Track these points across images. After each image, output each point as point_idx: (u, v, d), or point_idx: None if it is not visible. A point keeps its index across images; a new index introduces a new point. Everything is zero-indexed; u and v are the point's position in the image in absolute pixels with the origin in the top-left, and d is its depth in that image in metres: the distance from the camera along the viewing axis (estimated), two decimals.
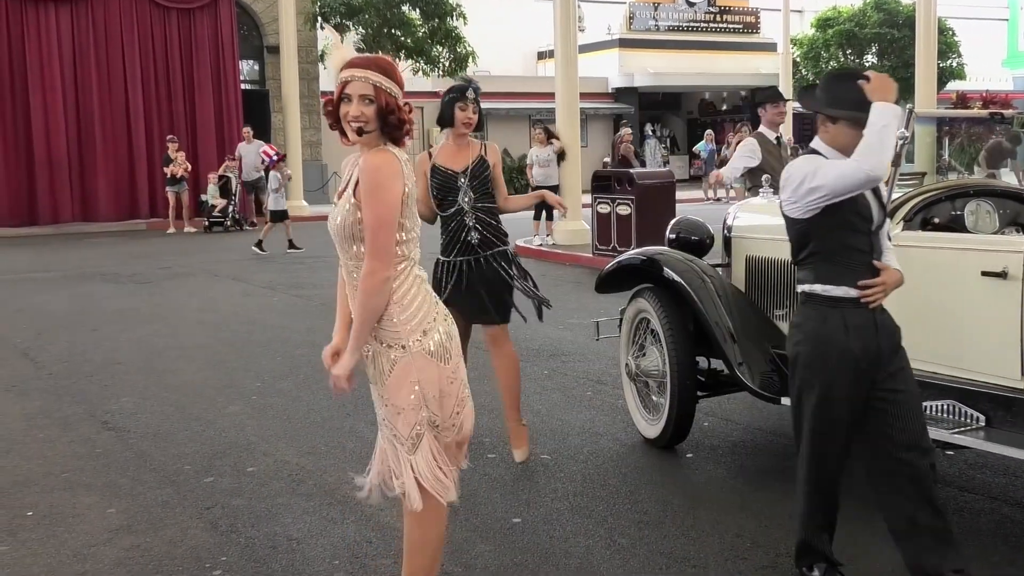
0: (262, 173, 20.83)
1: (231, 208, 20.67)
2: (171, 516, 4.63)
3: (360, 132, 3.03)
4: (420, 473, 3.08)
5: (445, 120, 5.26)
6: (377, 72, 3.03)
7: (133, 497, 4.89)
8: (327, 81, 26.94)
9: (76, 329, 9.54)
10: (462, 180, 5.20)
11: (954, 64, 32.96)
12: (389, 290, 3.00)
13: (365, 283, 2.97)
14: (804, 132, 35.59)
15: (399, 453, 3.10)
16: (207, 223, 20.52)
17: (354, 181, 3.04)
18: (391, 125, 3.03)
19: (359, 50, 5.01)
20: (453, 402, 3.15)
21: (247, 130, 21.12)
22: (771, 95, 7.40)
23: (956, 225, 4.84)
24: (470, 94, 5.23)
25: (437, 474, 3.11)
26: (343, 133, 3.10)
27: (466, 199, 5.20)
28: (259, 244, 15.84)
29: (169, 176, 20.13)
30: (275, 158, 16.64)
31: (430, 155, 5.30)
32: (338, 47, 3.17)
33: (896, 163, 4.22)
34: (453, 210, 5.20)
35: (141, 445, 5.76)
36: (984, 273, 4.14)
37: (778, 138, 7.28)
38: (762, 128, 7.17)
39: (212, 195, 20.71)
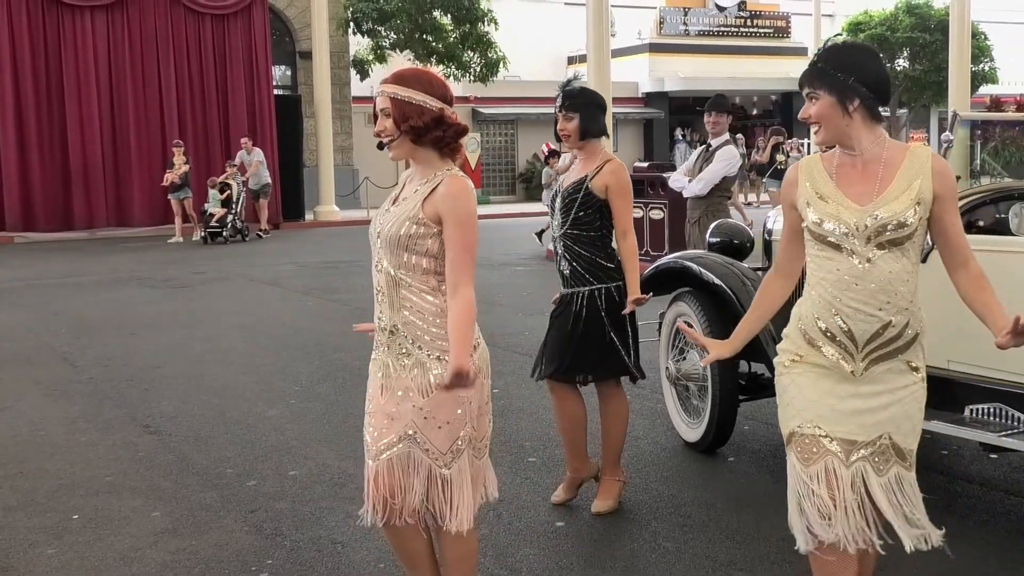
0: (268, 180, 20.92)
1: (231, 217, 19.49)
2: (215, 519, 4.66)
3: (380, 146, 3.08)
4: (459, 488, 3.05)
5: (556, 134, 4.70)
6: (395, 84, 3.05)
7: (177, 500, 4.93)
8: (359, 87, 27.17)
9: (114, 333, 9.63)
10: (559, 202, 4.59)
11: (986, 68, 32.67)
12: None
13: (465, 305, 2.96)
14: None
15: (432, 470, 3.04)
16: (203, 234, 19.31)
17: (421, 196, 3.04)
18: (409, 134, 3.02)
19: (409, 61, 4.99)
20: (487, 421, 3.15)
21: (245, 140, 20.95)
22: (709, 104, 7.91)
23: (1000, 228, 4.81)
24: (558, 100, 4.58)
25: (468, 494, 3.08)
26: (393, 159, 3.16)
27: (555, 222, 4.62)
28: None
29: (170, 183, 19.50)
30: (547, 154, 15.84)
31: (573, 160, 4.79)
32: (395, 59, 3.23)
33: None
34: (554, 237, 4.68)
35: (183, 448, 5.81)
36: None
37: (708, 145, 7.82)
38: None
39: (212, 204, 19.52)
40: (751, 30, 36.43)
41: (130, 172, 21.72)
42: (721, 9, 35.98)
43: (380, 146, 3.11)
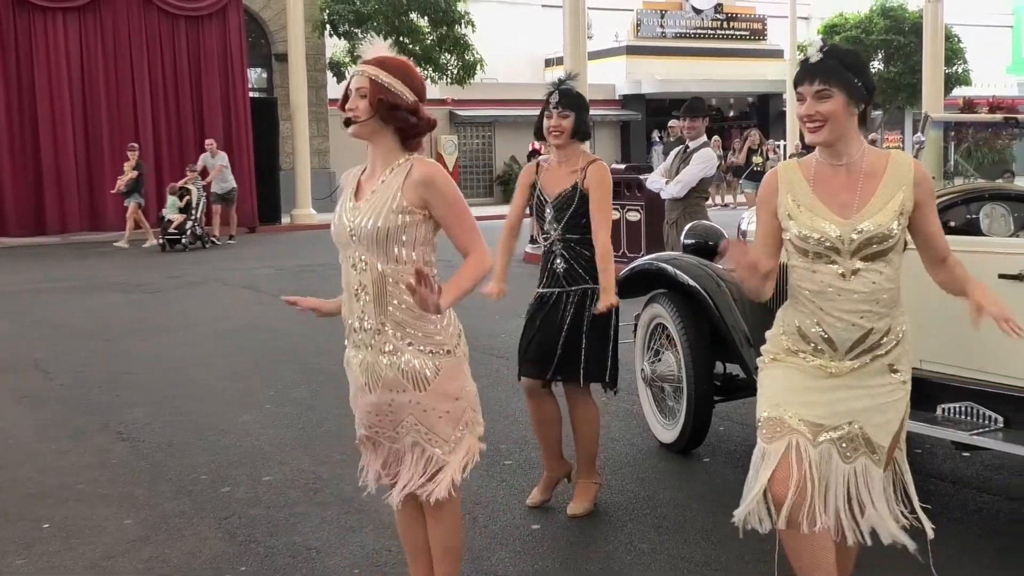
0: (233, 184, 19.88)
1: (190, 224, 18.46)
2: (189, 526, 4.62)
3: (348, 123, 3.06)
4: (456, 470, 3.12)
5: (538, 131, 4.64)
6: (378, 67, 3.05)
7: (150, 508, 4.88)
8: (336, 89, 27.07)
9: (88, 339, 9.55)
10: (548, 211, 4.54)
11: (959, 70, 32.93)
12: (492, 267, 3.12)
13: (474, 262, 3.07)
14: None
15: (435, 456, 3.11)
16: (161, 240, 18.37)
17: (397, 185, 3.03)
18: (384, 113, 3.01)
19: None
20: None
21: (210, 142, 20.22)
22: (684, 110, 8.00)
23: (971, 228, 4.84)
24: (553, 97, 4.54)
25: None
26: (352, 135, 3.14)
27: (553, 230, 4.53)
28: None
29: (123, 188, 18.84)
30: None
31: (538, 167, 4.68)
32: (371, 46, 3.22)
33: None
34: (545, 236, 4.59)
35: (156, 455, 5.76)
36: (1001, 276, 4.13)
37: (686, 147, 7.90)
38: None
39: (170, 210, 18.51)
40: (727, 32, 36.56)
41: (103, 176, 21.46)
42: (698, 11, 36.09)
43: (347, 123, 3.09)
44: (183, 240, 18.34)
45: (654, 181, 8.18)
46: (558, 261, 4.52)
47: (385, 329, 3.06)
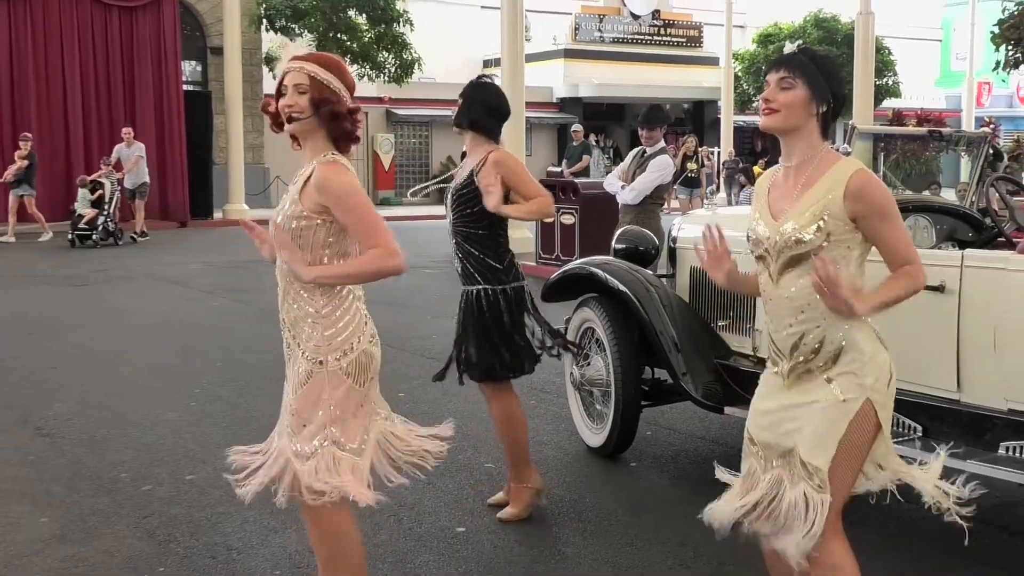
0: (147, 179, 18.65)
1: (102, 219, 17.46)
2: (107, 525, 4.53)
3: (290, 120, 3.00)
4: (307, 481, 3.04)
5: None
6: (315, 64, 3.02)
7: (67, 506, 4.79)
8: (271, 84, 26.80)
9: (10, 332, 9.33)
10: (449, 196, 4.56)
11: (890, 82, 33.61)
12: (399, 267, 2.98)
13: (368, 256, 2.99)
14: (744, 145, 36.15)
15: (297, 462, 3.07)
16: (71, 236, 17.30)
17: (297, 190, 3.03)
18: (326, 118, 2.98)
19: (311, 47, 4.89)
20: (360, 424, 3.10)
21: (127, 131, 18.97)
22: (642, 119, 8.09)
23: None
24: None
25: (327, 481, 3.04)
26: (292, 137, 3.08)
27: (448, 219, 4.53)
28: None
29: (11, 179, 18.13)
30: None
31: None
32: (285, 46, 3.17)
33: None
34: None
35: (76, 452, 5.64)
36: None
37: (644, 151, 7.99)
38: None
39: (82, 204, 17.54)
40: (665, 38, 36.87)
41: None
42: (636, 17, 36.36)
43: (289, 120, 3.00)
44: (94, 236, 17.38)
45: (611, 183, 8.16)
46: (456, 261, 4.56)
47: (286, 327, 3.13)
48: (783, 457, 2.87)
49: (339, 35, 24.82)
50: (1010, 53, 17.79)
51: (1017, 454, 3.97)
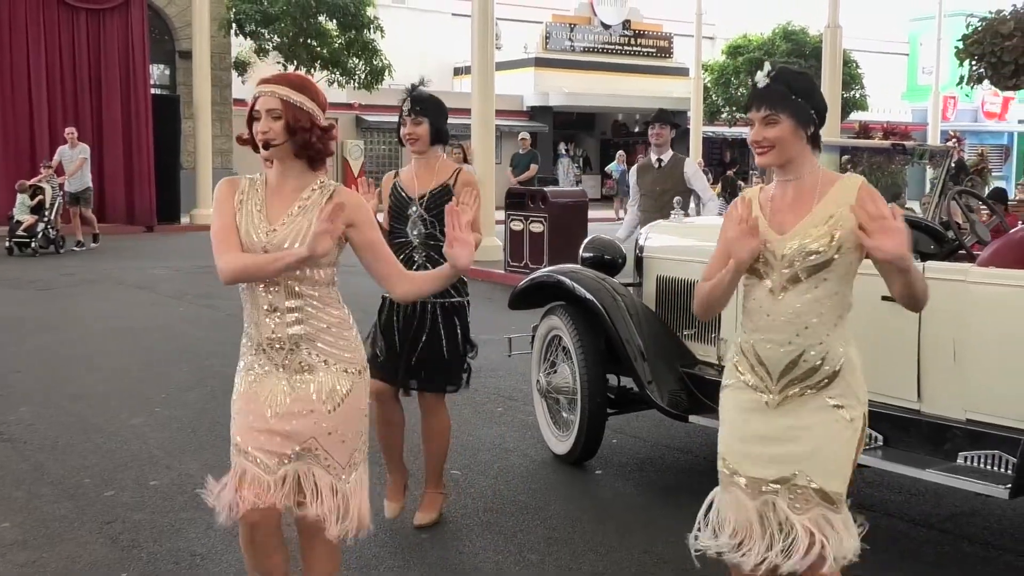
0: (88, 184, 17.46)
1: (42, 226, 16.43)
2: (69, 531, 4.50)
3: (267, 145, 2.95)
4: (360, 496, 3.03)
5: (401, 139, 4.64)
6: (286, 87, 2.96)
7: (29, 511, 4.75)
8: (240, 89, 26.67)
9: None
10: (414, 208, 4.47)
11: (857, 95, 33.90)
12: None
13: (421, 278, 3.18)
14: (713, 156, 36.39)
15: (330, 482, 2.97)
16: (9, 243, 16.21)
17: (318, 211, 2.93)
18: (300, 143, 2.94)
19: (279, 64, 4.82)
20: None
21: (70, 131, 17.71)
22: (654, 117, 8.13)
23: None
24: (405, 104, 4.52)
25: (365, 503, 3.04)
26: (266, 158, 3.05)
27: (415, 232, 4.45)
28: None
29: None
30: None
31: (396, 173, 4.70)
32: (257, 64, 3.13)
33: None
34: (400, 241, 4.46)
35: (38, 457, 5.60)
36: (884, 298, 4.25)
37: (659, 160, 7.96)
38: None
39: (20, 210, 16.48)
40: (635, 49, 37.09)
41: None
42: (606, 27, 36.55)
43: (266, 145, 2.95)
44: (33, 244, 16.33)
45: (714, 206, 8.00)
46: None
47: (300, 346, 2.97)
48: (778, 483, 2.83)
49: (309, 40, 24.76)
50: (974, 69, 17.98)
51: (975, 464, 4.03)
